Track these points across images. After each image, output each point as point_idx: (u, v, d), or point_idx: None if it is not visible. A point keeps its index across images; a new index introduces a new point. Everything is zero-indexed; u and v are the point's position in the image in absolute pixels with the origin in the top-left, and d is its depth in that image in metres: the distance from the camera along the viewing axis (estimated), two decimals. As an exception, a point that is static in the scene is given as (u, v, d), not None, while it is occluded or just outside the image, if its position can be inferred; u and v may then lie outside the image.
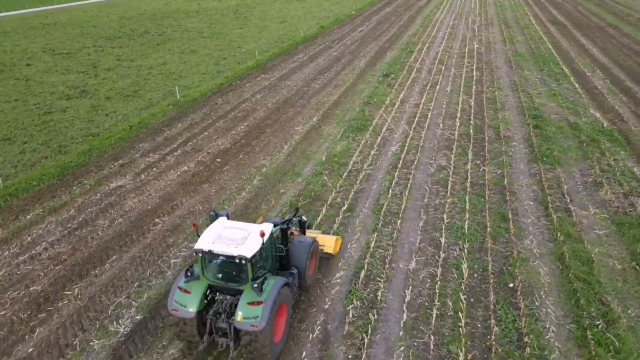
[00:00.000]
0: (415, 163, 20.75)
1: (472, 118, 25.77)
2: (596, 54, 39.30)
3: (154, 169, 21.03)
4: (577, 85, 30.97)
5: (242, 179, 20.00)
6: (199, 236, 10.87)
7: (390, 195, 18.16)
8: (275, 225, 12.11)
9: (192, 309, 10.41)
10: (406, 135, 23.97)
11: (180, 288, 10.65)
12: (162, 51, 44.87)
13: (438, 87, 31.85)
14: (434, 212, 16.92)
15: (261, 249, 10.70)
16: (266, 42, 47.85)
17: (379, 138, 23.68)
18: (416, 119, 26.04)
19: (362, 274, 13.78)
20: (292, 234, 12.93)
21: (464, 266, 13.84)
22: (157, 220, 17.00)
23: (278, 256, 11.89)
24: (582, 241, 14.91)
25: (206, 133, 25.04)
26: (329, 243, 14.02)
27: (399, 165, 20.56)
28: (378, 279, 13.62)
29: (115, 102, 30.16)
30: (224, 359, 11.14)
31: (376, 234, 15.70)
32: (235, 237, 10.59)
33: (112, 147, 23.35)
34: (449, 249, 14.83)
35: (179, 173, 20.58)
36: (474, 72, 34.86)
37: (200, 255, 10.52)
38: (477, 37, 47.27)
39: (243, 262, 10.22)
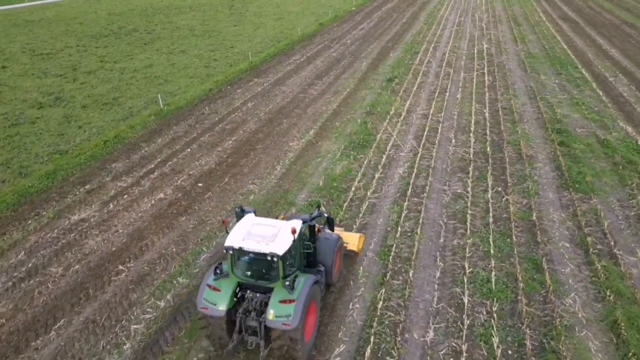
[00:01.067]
0: (427, 190, 17.97)
1: (487, 132, 22.96)
2: (615, 55, 36.40)
3: (125, 196, 18.23)
4: (600, 93, 28.12)
5: (225, 210, 17.22)
6: (227, 233, 10.70)
7: (399, 233, 15.40)
8: (303, 222, 11.42)
9: (222, 307, 10.20)
10: (415, 153, 21.17)
11: (209, 286, 10.42)
12: (150, 51, 41.90)
13: (447, 94, 28.99)
14: (453, 258, 14.17)
15: (292, 246, 10.46)
16: (261, 41, 44.87)
17: (384, 157, 20.89)
18: (425, 133, 23.22)
19: (368, 349, 11.04)
20: (318, 230, 12.30)
21: (495, 339, 11.10)
22: (121, 267, 14.23)
23: (305, 253, 11.60)
24: (637, 301, 12.17)
25: (189, 150, 22.20)
26: (352, 240, 13.77)
27: (408, 193, 17.78)
28: (388, 357, 10.87)
29: (92, 112, 27.28)
30: (254, 359, 10.66)
31: (384, 288, 12.95)
32: (266, 234, 10.37)
33: (80, 168, 20.52)
34: (473, 311, 12.10)
35: (153, 202, 17.79)
36: (486, 77, 31.99)
37: (231, 252, 10.32)
38: (485, 36, 44.31)
39: (275, 259, 10.04)
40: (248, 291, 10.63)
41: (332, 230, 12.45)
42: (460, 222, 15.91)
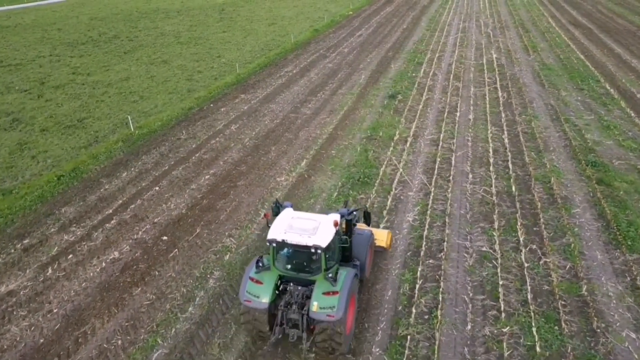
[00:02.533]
0: (445, 247, 14.53)
1: (510, 164, 19.56)
2: (638, 66, 33.11)
3: (70, 255, 14.71)
4: (631, 113, 24.78)
5: (193, 277, 13.73)
6: (269, 226, 10.72)
7: (413, 316, 11.95)
8: (341, 216, 11.38)
9: (265, 300, 10.31)
10: (425, 193, 17.74)
11: (252, 279, 10.55)
12: (129, 61, 38.36)
13: (458, 113, 25.60)
14: (486, 357, 10.71)
15: (334, 238, 10.56)
16: (251, 49, 41.39)
17: (389, 198, 17.45)
18: (436, 166, 19.80)
19: None
20: (354, 224, 11.98)
21: None
22: (45, 373, 10.73)
23: (341, 247, 11.45)
24: None
25: (157, 188, 18.69)
26: (381, 237, 13.76)
27: (422, 252, 14.34)
28: None
29: (51, 137, 23.73)
30: (296, 351, 10.61)
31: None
32: (307, 227, 10.47)
33: (23, 214, 17.00)
34: None
35: (103, 264, 14.27)
36: (499, 92, 28.61)
37: (274, 245, 10.41)
38: (493, 43, 40.99)
39: (318, 251, 10.15)
40: (291, 284, 10.70)
41: (369, 224, 12.59)
42: (491, 297, 12.48)
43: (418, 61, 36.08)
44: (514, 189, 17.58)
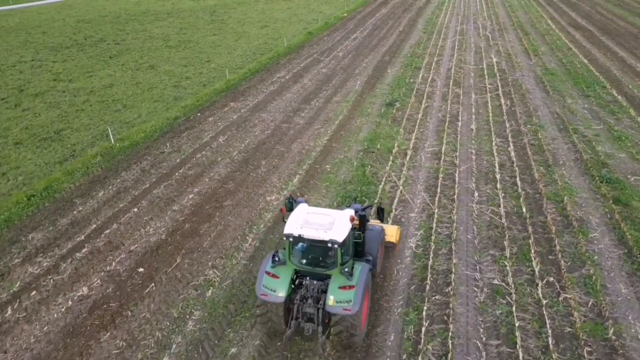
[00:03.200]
0: (452, 279, 13.07)
1: (518, 181, 18.15)
2: (644, 71, 31.91)
3: (34, 292, 13.13)
4: (641, 121, 23.51)
5: (170, 318, 12.19)
6: (284, 221, 10.79)
7: (419, 367, 10.48)
8: (355, 212, 11.44)
9: (281, 294, 10.37)
10: (428, 214, 16.29)
11: (268, 273, 10.62)
12: (114, 66, 36.71)
13: (459, 123, 24.20)
14: (505, 420, 9.26)
15: (349, 233, 10.67)
16: (242, 53, 39.84)
17: (389, 221, 15.98)
18: (439, 182, 18.36)
19: None
20: (367, 220, 12.05)
21: None
22: None
23: (355, 243, 11.44)
24: None
25: (135, 210, 17.13)
26: (391, 232, 13.81)
27: (427, 286, 12.88)
28: None
29: (25, 151, 22.10)
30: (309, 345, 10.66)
31: None
32: (323, 222, 10.53)
33: (-15, 242, 15.39)
34: None
35: (70, 303, 12.71)
36: (502, 99, 27.25)
37: (291, 240, 10.44)
38: (492, 47, 39.69)
39: (335, 246, 10.15)
40: (307, 278, 10.76)
41: (382, 220, 12.51)
42: (507, 342, 11.03)
43: (416, 66, 34.68)
44: (524, 209, 16.16)
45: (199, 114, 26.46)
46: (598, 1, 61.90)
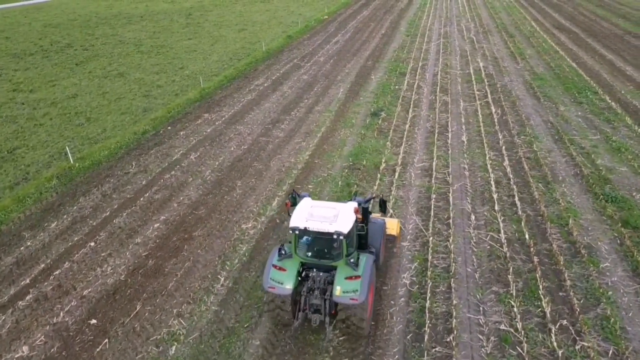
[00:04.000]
0: (454, 325, 11.44)
1: (517, 200, 16.68)
2: (634, 75, 30.96)
3: (-38, 356, 11.07)
4: (638, 129, 22.33)
5: (126, 385, 10.28)
6: (289, 215, 10.97)
7: None
8: (358, 204, 11.57)
9: (288, 286, 10.47)
10: (422, 243, 14.68)
11: (275, 266, 10.72)
12: (80, 74, 34.34)
13: (449, 134, 22.71)
14: None
15: (354, 225, 10.84)
16: (218, 59, 37.83)
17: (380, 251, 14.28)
18: (432, 204, 16.79)
19: None
20: (370, 213, 12.21)
21: None
22: None
23: (358, 235, 11.56)
24: None
25: (92, 244, 15.11)
26: (391, 226, 13.94)
27: (425, 335, 11.22)
28: None
29: (-28, 173, 19.82)
30: (316, 335, 10.88)
31: None
32: (327, 215, 10.68)
33: None
34: None
35: (5, 370, 10.69)
36: (492, 107, 25.89)
37: (297, 232, 10.59)
38: (478, 50, 38.48)
39: (341, 237, 10.30)
40: (314, 270, 10.93)
41: (385, 212, 12.46)
42: (521, 408, 9.43)
43: (400, 71, 33.19)
44: (527, 235, 14.66)
45: (169, 128, 24.44)
46: (580, 2, 61.57)
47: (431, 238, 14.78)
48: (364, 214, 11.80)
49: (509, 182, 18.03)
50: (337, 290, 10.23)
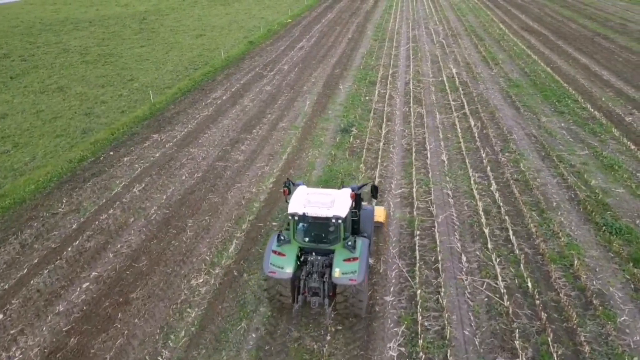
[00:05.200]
0: (455, 419, 9.09)
1: (511, 235, 14.58)
2: (612, 80, 29.83)
3: None
4: (629, 144, 20.78)
5: None
6: (287, 202, 11.40)
7: None
8: (352, 190, 11.87)
9: (288, 270, 10.79)
10: (409, 297, 12.33)
11: (274, 251, 11.04)
12: (14, 90, 30.53)
13: (427, 152, 20.55)
14: None
15: (350, 209, 11.32)
16: (172, 69, 34.66)
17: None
18: (416, 241, 14.49)
19: None
20: (362, 199, 12.66)
21: None
22: None
23: (352, 220, 11.90)
24: None
25: (0, 316, 12.01)
26: (378, 213, 14.18)
27: None
28: None
29: None
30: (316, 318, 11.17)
31: None
32: (324, 201, 11.09)
33: None
34: None
35: None
36: (470, 120, 23.96)
37: (296, 218, 11.00)
38: (449, 55, 36.78)
39: (339, 221, 10.70)
40: (313, 253, 11.27)
41: (376, 197, 12.86)
42: None
43: (370, 80, 30.98)
44: (529, 283, 12.52)
45: (111, 153, 21.29)
46: (544, 3, 61.33)
47: (419, 290, 12.43)
48: (356, 200, 12.00)
49: (499, 211, 15.95)
50: (336, 272, 10.56)
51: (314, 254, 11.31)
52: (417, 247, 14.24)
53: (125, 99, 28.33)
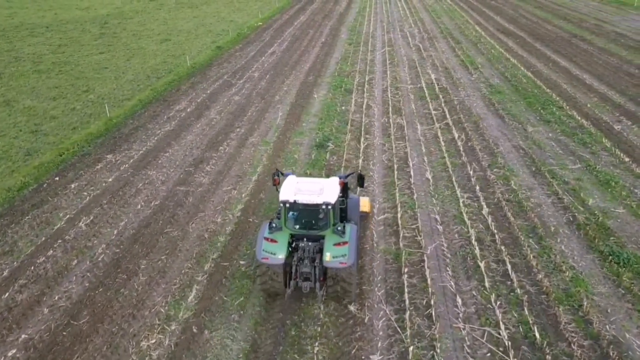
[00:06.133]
0: None
1: (509, 269, 12.97)
2: (593, 84, 28.90)
3: None
4: (622, 156, 19.59)
5: None
6: (278, 191, 11.85)
7: None
8: (339, 178, 12.44)
9: (281, 256, 11.13)
10: (400, 354, 10.51)
11: (266, 238, 11.39)
12: (-47, 104, 27.49)
13: (410, 170, 18.87)
14: None
15: (339, 196, 11.90)
16: (133, 77, 32.13)
17: (342, 377, 10.00)
18: (404, 280, 12.70)
19: None
20: (348, 188, 13.12)
21: None
22: None
23: (340, 209, 12.31)
24: None
25: None
26: (363, 203, 14.66)
27: None
28: None
29: None
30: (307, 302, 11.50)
31: None
32: (314, 189, 11.55)
33: None
34: None
35: None
36: (454, 131, 22.43)
37: (287, 206, 11.38)
38: (426, 59, 35.38)
39: (329, 207, 11.18)
40: (304, 240, 11.60)
41: (362, 186, 13.19)
42: None
43: (346, 87, 29.21)
44: (536, 331, 10.88)
45: (57, 178, 18.83)
46: (518, 4, 60.94)
47: (411, 347, 10.62)
48: (344, 188, 12.51)
49: (494, 239, 14.34)
50: (327, 256, 10.90)
51: (304, 240, 11.61)
52: (405, 288, 12.46)
53: (78, 113, 25.75)
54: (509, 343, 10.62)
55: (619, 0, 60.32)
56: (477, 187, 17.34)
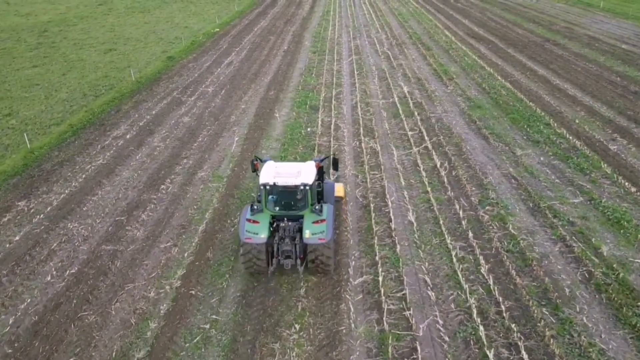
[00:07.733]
0: None
1: (525, 358, 10.06)
2: (576, 95, 26.82)
3: None
4: (624, 182, 17.24)
5: None
6: (258, 175, 12.79)
7: None
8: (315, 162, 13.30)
9: (263, 235, 11.78)
10: None
11: (249, 220, 11.98)
12: None
13: (390, 210, 15.88)
14: None
15: (316, 177, 12.66)
16: (66, 96, 27.95)
17: None
18: (392, 387, 9.59)
19: None
20: (324, 172, 13.84)
21: None
22: None
23: (317, 192, 13.18)
24: None
25: None
26: (338, 188, 15.19)
27: None
28: None
29: None
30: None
31: None
32: (292, 171, 12.36)
33: None
34: None
35: None
36: (434, 157, 19.61)
37: (267, 188, 12.12)
38: (397, 69, 32.68)
39: (307, 188, 12.01)
40: (285, 219, 12.23)
41: (337, 169, 14.11)
42: None
43: (311, 104, 26.05)
44: None
45: (-53, 239, 14.82)
46: (484, 6, 59.42)
47: None
48: (320, 171, 13.31)
49: (500, 311, 11.47)
50: (307, 233, 11.67)
51: (285, 220, 12.20)
52: (395, 397, 9.37)
53: (-8, 144, 21.56)
54: None
55: (584, 2, 59.75)
56: (470, 233, 14.49)
